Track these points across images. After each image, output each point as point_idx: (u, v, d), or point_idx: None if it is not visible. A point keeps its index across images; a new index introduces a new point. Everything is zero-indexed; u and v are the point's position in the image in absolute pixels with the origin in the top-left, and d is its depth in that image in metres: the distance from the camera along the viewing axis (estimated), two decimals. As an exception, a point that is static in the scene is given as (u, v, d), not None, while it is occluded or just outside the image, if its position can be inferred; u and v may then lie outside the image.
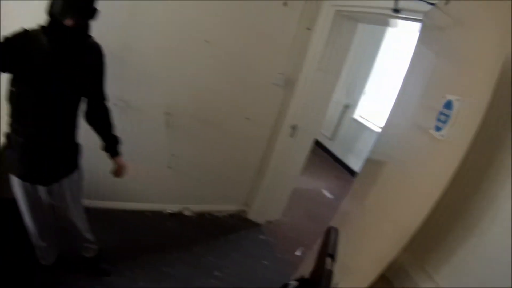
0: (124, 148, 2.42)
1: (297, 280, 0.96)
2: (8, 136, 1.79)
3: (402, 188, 1.56)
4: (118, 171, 2.23)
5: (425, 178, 1.32)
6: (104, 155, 2.18)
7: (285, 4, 2.88)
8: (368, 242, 1.62)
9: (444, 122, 1.26)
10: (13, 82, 1.66)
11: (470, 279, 1.49)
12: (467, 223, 1.54)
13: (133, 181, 3.11)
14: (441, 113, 1.29)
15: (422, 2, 1.84)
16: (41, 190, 1.91)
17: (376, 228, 1.63)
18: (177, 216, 3.45)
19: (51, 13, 1.58)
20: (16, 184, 1.87)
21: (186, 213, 3.51)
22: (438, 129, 1.30)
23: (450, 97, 1.27)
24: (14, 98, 1.69)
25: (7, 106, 1.73)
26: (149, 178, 3.23)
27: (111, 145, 2.14)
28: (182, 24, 2.70)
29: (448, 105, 1.26)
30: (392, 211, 1.55)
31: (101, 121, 2.08)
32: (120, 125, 2.73)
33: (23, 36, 1.58)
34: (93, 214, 2.46)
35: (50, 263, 2.31)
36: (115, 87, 2.59)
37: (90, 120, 2.04)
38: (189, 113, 3.06)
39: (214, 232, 3.39)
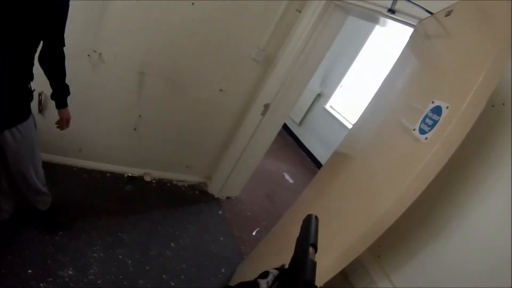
0: (90, 102, 2.32)
1: (277, 269, 0.94)
2: None
3: (373, 184, 1.58)
4: (62, 123, 2.13)
5: (401, 178, 1.33)
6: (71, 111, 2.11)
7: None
8: (331, 236, 1.63)
9: (430, 126, 1.27)
10: None
11: (425, 282, 1.56)
12: (430, 229, 1.60)
13: (96, 139, 3.02)
14: (428, 117, 1.30)
15: (420, 9, 1.84)
16: None
17: (341, 222, 1.65)
18: (137, 180, 3.37)
19: None
20: None
21: (147, 178, 3.44)
22: (422, 131, 1.31)
23: (439, 103, 1.28)
24: None
25: None
26: (112, 138, 3.12)
27: (60, 94, 2.04)
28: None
29: (436, 110, 1.27)
30: (361, 206, 1.56)
31: (54, 66, 1.93)
32: (90, 78, 2.63)
33: None
34: (49, 169, 2.36)
35: (5, 218, 2.22)
36: (90, 37, 2.47)
37: (43, 63, 1.89)
38: (163, 76, 2.94)
39: (173, 201, 3.36)
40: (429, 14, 1.80)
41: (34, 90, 1.87)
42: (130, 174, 3.35)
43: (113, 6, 2.06)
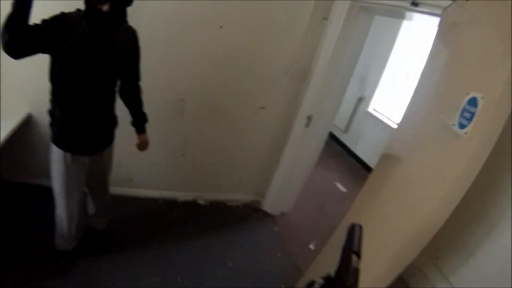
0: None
1: (323, 278, 0.96)
2: (51, 112, 1.97)
3: (422, 186, 1.54)
4: (141, 146, 2.44)
5: (447, 176, 1.30)
6: (118, 143, 2.34)
7: (299, -4, 2.84)
8: (386, 243, 1.60)
9: (469, 119, 1.24)
10: (55, 64, 1.81)
11: (486, 282, 1.48)
12: (486, 225, 1.53)
13: (147, 168, 3.16)
14: (465, 110, 1.28)
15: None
16: (85, 160, 2.10)
17: (394, 228, 1.62)
18: (190, 204, 3.47)
19: None
20: (62, 158, 2.01)
21: (200, 201, 3.54)
22: (462, 126, 1.28)
23: (474, 94, 1.25)
24: (57, 78, 1.84)
25: (50, 85, 1.89)
26: (163, 165, 3.25)
27: (140, 121, 2.35)
28: (197, 9, 2.68)
29: (473, 102, 1.24)
30: (411, 210, 1.53)
31: (133, 98, 2.29)
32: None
33: (62, 19, 1.68)
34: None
35: (70, 249, 2.41)
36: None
37: (123, 97, 2.26)
38: (203, 100, 3.06)
39: (227, 221, 3.41)
40: (451, 1, 1.75)
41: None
42: (182, 199, 3.45)
43: (144, 40, 2.19)
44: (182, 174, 3.40)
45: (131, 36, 2.04)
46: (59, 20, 1.68)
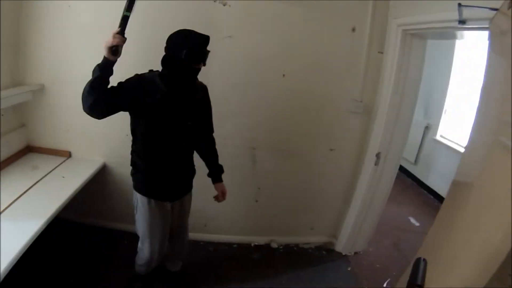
0: (210, 180, 2.65)
1: None
2: (134, 163, 2.20)
3: (491, 212, 1.49)
4: (219, 196, 2.53)
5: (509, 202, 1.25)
6: (195, 193, 2.51)
7: (353, 29, 2.93)
8: (457, 271, 1.55)
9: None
10: (136, 119, 2.05)
11: None
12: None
13: (219, 213, 3.29)
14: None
15: (486, 9, 1.79)
16: (167, 206, 2.28)
17: (465, 255, 1.56)
18: (263, 248, 3.51)
19: (176, 55, 1.88)
20: (143, 204, 2.21)
21: (273, 245, 3.57)
22: (523, 145, 1.25)
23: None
24: (139, 131, 2.07)
25: (132, 138, 2.14)
26: (236, 211, 3.37)
27: (216, 172, 2.49)
28: (261, 59, 2.88)
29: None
30: (481, 236, 1.47)
31: (208, 150, 2.46)
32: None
33: (138, 81, 1.94)
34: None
35: (144, 271, 2.54)
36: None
37: (199, 148, 2.43)
38: (273, 147, 3.18)
39: (301, 264, 3.40)
40: (495, 11, 1.74)
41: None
42: (256, 243, 3.51)
43: (213, 92, 2.39)
44: (255, 220, 3.49)
45: (202, 90, 2.25)
46: (136, 82, 1.92)
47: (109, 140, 2.96)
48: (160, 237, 2.35)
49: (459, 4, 2.01)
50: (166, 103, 1.98)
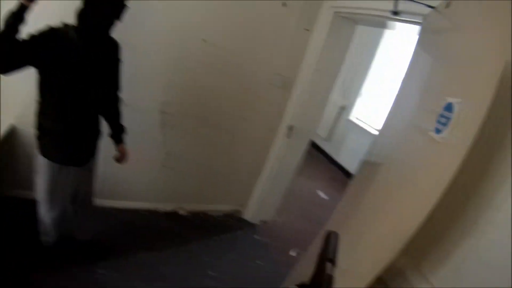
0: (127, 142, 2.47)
1: (297, 285, 0.95)
2: (40, 125, 1.96)
3: (400, 190, 1.56)
4: (120, 158, 2.43)
5: (424, 180, 1.32)
6: (102, 154, 2.33)
7: (284, 4, 2.87)
8: (365, 245, 1.62)
9: (445, 124, 1.26)
10: (45, 77, 1.83)
11: (466, 281, 1.50)
12: (464, 225, 1.55)
13: (128, 179, 3.11)
14: (442, 116, 1.30)
15: (422, 5, 1.84)
16: (73, 170, 2.10)
17: (374, 231, 1.63)
18: (171, 215, 3.43)
19: (83, 13, 1.75)
20: (50, 168, 2.01)
21: (181, 212, 3.49)
22: (438, 131, 1.30)
23: (450, 99, 1.27)
24: (48, 90, 1.87)
25: (39, 98, 1.91)
26: (143, 176, 3.21)
27: (118, 132, 2.36)
28: (180, 22, 2.70)
29: (449, 107, 1.26)
30: (390, 213, 1.54)
31: (112, 109, 2.31)
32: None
33: (50, 34, 1.73)
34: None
35: (50, 241, 2.35)
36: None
37: (103, 108, 2.25)
38: (185, 112, 3.04)
39: (209, 231, 3.38)
40: (431, 9, 1.79)
41: None
42: (164, 210, 3.41)
43: (128, 53, 2.20)
44: (164, 186, 3.37)
45: (115, 46, 2.11)
46: (48, 35, 1.72)
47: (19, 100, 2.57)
48: (64, 203, 2.18)
49: None
50: (79, 58, 1.83)
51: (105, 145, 2.34)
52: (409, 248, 1.39)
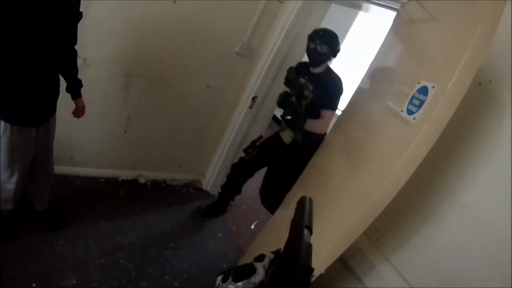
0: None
1: (273, 252, 0.94)
2: None
3: (367, 168, 1.59)
4: (78, 112, 2.34)
5: (392, 160, 1.35)
6: (61, 121, 2.21)
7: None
8: (329, 222, 1.65)
9: (418, 106, 1.29)
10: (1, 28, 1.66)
11: (424, 263, 1.59)
12: (424, 211, 1.63)
13: (87, 144, 3.00)
14: (415, 97, 1.33)
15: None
16: (32, 131, 2.00)
17: (339, 208, 1.67)
18: (131, 183, 3.35)
19: None
20: (8, 129, 1.89)
21: (140, 180, 3.43)
22: (410, 112, 1.33)
23: (425, 83, 1.30)
24: (1, 44, 1.70)
25: None
26: (103, 142, 3.10)
27: (75, 87, 2.25)
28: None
29: (423, 90, 1.29)
30: (355, 191, 1.58)
31: (69, 64, 2.16)
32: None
33: None
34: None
35: (9, 209, 2.27)
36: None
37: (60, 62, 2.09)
38: (149, 76, 2.91)
39: (169, 201, 3.35)
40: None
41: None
42: (124, 178, 3.33)
43: (94, 10, 2.07)
44: (124, 152, 3.27)
45: None
46: None
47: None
48: (24, 167, 2.08)
49: None
50: (36, 6, 1.68)
51: (61, 108, 2.20)
52: (371, 229, 1.44)
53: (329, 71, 2.75)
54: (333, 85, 2.67)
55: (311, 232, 0.87)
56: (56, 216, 2.56)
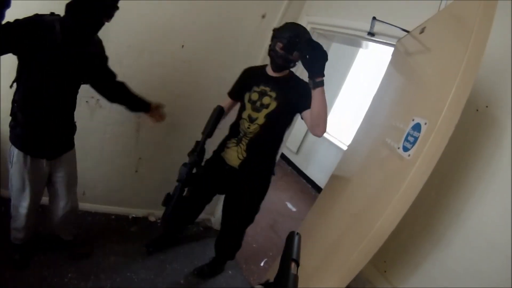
0: (91, 147, 2.42)
1: (262, 284, 1.00)
2: (15, 114, 1.95)
3: (369, 203, 1.63)
4: (156, 115, 2.52)
5: (389, 195, 1.39)
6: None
7: (263, 16, 2.95)
8: (333, 257, 1.68)
9: (412, 143, 1.35)
10: (23, 65, 1.82)
11: None
12: (432, 238, 1.66)
13: (98, 182, 3.08)
14: (409, 134, 1.39)
15: (396, 28, 1.96)
16: (43, 163, 2.09)
17: (342, 243, 1.70)
18: (141, 221, 3.41)
19: (74, 6, 1.70)
20: (19, 159, 2.02)
21: (151, 218, 3.47)
22: (405, 149, 1.38)
23: (418, 120, 1.36)
24: (23, 79, 1.85)
25: (16, 86, 1.90)
26: (116, 180, 3.18)
27: (140, 103, 2.40)
28: (159, 25, 2.71)
29: (417, 127, 1.36)
30: (358, 225, 1.61)
31: (121, 93, 2.33)
32: (89, 123, 2.73)
33: (34, 21, 1.71)
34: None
35: (21, 238, 2.35)
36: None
37: (112, 97, 2.34)
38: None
39: (178, 239, 3.36)
40: (406, 33, 1.91)
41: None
42: (134, 215, 3.39)
43: (111, 50, 2.22)
44: (134, 191, 3.34)
45: (98, 44, 2.09)
46: (33, 22, 1.71)
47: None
48: (35, 196, 2.17)
49: (374, 18, 2.15)
50: (59, 52, 1.81)
51: (78, 147, 2.32)
52: (377, 258, 1.46)
53: (292, 73, 2.42)
54: (303, 85, 2.25)
55: (298, 265, 0.93)
56: (84, 246, 2.68)
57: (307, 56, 1.91)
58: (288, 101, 2.31)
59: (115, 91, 2.31)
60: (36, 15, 1.74)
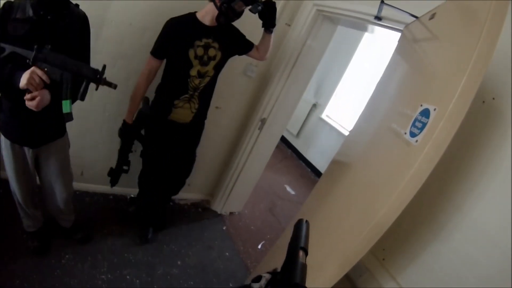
0: (89, 126, 2.37)
1: (270, 272, 0.97)
2: (0, 100, 1.90)
3: (371, 190, 1.60)
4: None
5: (395, 182, 1.36)
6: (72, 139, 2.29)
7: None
8: (333, 243, 1.66)
9: (420, 129, 1.31)
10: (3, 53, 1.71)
11: (432, 280, 1.58)
12: (432, 228, 1.63)
13: (96, 162, 3.05)
14: (417, 120, 1.35)
15: (404, 13, 1.90)
16: (29, 152, 2.04)
17: (342, 229, 1.67)
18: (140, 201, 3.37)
19: None
20: (6, 146, 2.00)
21: (149, 199, 3.45)
22: (413, 134, 1.35)
23: (427, 106, 1.32)
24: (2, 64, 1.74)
25: None
26: (113, 160, 3.14)
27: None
28: (160, 5, 2.63)
29: (425, 113, 1.31)
30: (359, 213, 1.59)
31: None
32: (87, 103, 2.63)
33: (7, 8, 1.68)
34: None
35: (37, 228, 2.40)
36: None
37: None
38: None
39: (177, 220, 3.37)
40: (414, 18, 1.85)
41: None
42: (132, 195, 3.37)
43: (106, 32, 2.15)
44: (132, 171, 3.30)
45: (79, 19, 1.92)
46: (4, 9, 1.68)
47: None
48: (26, 183, 2.16)
49: (382, 1, 2.08)
50: (34, 33, 1.72)
51: (72, 125, 2.17)
52: (376, 247, 1.44)
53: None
54: (234, 30, 2.50)
55: (306, 254, 0.90)
56: (83, 231, 2.68)
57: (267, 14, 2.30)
58: (230, 48, 2.48)
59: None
60: (8, 1, 1.70)
